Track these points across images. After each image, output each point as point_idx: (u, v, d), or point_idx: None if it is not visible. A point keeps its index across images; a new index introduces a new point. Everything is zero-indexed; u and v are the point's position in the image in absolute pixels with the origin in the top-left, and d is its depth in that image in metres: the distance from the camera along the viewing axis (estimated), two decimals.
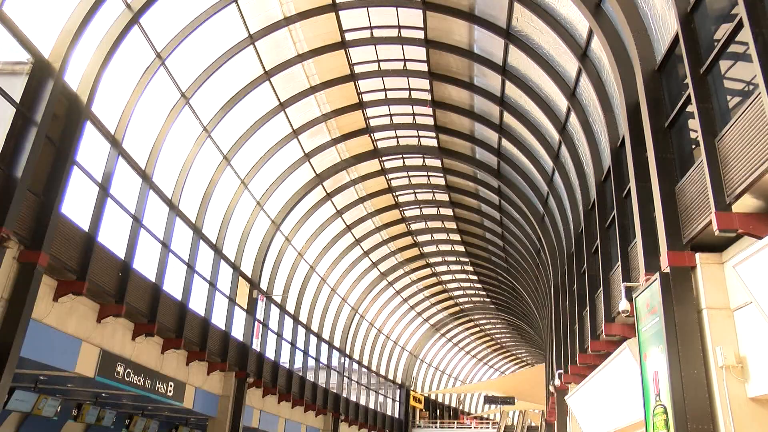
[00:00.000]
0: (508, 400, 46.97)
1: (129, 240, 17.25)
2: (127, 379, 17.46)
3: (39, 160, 12.66)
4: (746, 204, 7.77)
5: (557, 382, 20.98)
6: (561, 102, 17.41)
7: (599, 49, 13.37)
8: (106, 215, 15.84)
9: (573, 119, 16.88)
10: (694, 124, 8.76)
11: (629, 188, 12.11)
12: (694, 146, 9.68)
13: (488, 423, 53.76)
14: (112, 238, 16.34)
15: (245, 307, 25.67)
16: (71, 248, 14.29)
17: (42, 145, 12.70)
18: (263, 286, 27.34)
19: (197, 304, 21.49)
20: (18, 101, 12.43)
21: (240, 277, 25.19)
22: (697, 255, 9.02)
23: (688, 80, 8.82)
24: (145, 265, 18.11)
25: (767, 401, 8.19)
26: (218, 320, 23.17)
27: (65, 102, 13.88)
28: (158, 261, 19.00)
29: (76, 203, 14.71)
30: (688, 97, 8.98)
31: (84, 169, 14.76)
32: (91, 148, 15.19)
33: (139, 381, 18.12)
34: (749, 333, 8.25)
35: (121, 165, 16.68)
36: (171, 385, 19.95)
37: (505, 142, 23.72)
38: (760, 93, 7.02)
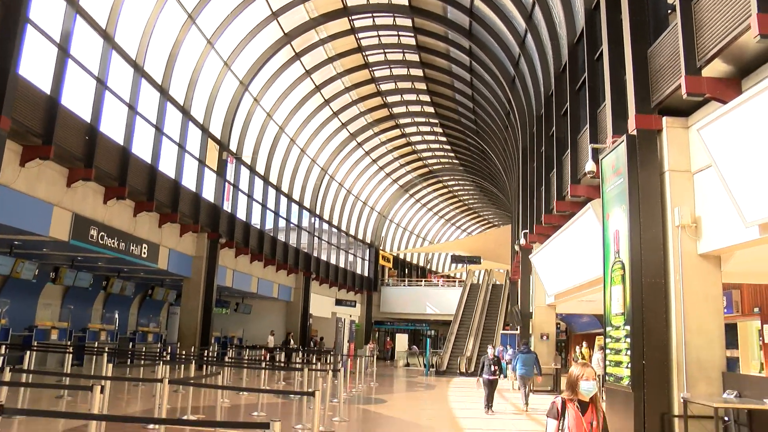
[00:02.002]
0: (475, 260, 48.70)
1: (94, 103, 16.82)
2: (101, 242, 17.71)
3: None
4: (716, 69, 7.87)
5: (522, 241, 21.81)
6: None
7: None
8: (69, 78, 15.33)
9: None
10: None
11: (601, 51, 12.05)
12: (669, 11, 9.58)
13: (455, 282, 55.88)
14: (77, 101, 15.93)
15: (215, 169, 25.66)
16: (34, 112, 13.94)
17: None
18: (232, 147, 27.19)
19: (167, 167, 21.42)
20: None
21: (209, 139, 24.97)
22: (664, 119, 9.23)
23: None
24: (113, 128, 17.83)
25: (713, 257, 8.88)
26: (189, 183, 23.22)
27: None
28: (125, 124, 18.64)
29: (35, 66, 14.18)
30: None
31: (39, 27, 14.08)
32: (45, 5, 14.40)
33: (113, 244, 18.39)
34: (706, 195, 8.67)
35: (80, 24, 15.91)
36: (145, 247, 20.31)
37: (477, 2, 23.02)
38: None
